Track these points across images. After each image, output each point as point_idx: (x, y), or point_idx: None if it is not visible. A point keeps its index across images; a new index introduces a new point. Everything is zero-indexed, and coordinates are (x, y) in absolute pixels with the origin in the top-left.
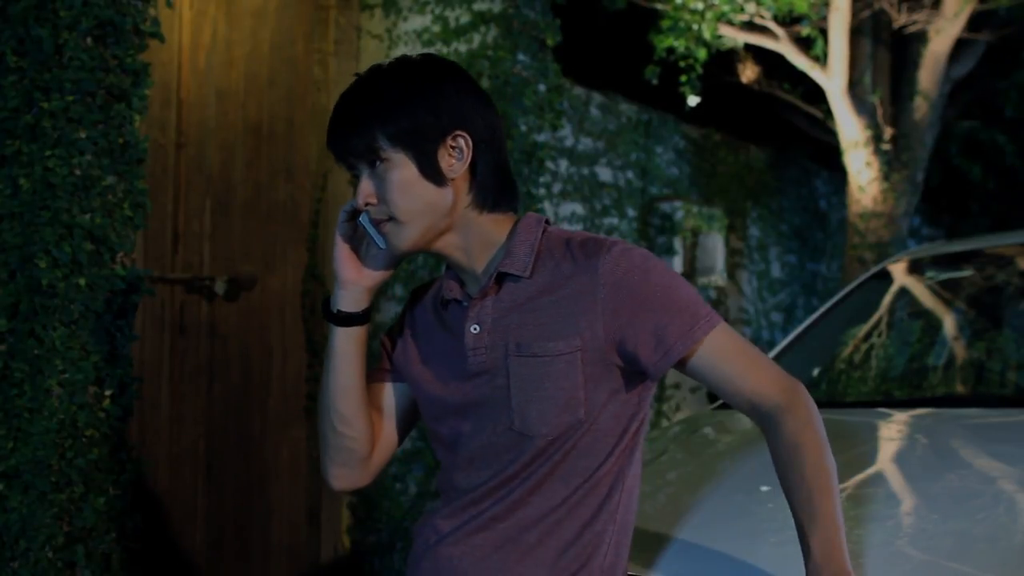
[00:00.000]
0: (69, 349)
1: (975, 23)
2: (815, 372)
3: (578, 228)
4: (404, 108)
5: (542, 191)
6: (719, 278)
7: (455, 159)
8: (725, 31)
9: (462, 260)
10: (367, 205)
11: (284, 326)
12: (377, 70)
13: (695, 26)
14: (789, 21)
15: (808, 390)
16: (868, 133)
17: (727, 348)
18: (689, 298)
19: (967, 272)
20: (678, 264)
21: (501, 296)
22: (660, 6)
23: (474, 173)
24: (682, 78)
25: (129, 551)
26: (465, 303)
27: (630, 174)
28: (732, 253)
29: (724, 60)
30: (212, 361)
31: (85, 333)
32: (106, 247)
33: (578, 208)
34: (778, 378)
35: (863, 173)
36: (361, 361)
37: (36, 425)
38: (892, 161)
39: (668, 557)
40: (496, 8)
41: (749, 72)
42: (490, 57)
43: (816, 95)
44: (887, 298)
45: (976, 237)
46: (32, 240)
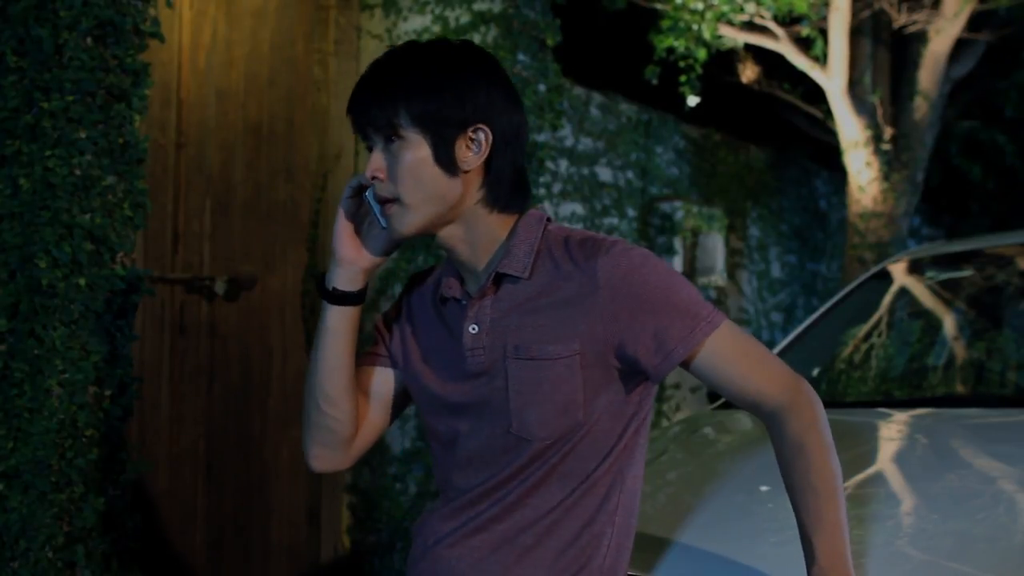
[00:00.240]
0: (69, 349)
1: (975, 23)
2: (815, 372)
3: (578, 228)
4: (432, 90)
5: (542, 191)
6: (719, 278)
7: (472, 152)
8: (725, 31)
9: (464, 254)
10: (374, 179)
11: (284, 326)
12: (413, 47)
13: (695, 26)
14: (789, 21)
15: None
16: (868, 133)
17: (729, 349)
18: (690, 299)
19: (967, 272)
20: (678, 264)
21: (500, 296)
22: (660, 6)
23: (488, 170)
24: (682, 78)
25: (129, 551)
26: (464, 302)
27: (630, 174)
28: (732, 253)
29: (724, 60)
30: (212, 361)
31: (85, 333)
32: (106, 247)
33: (578, 208)
34: (782, 377)
35: (863, 173)
36: (352, 341)
37: (36, 425)
38: (892, 161)
39: (669, 559)
40: (496, 8)
41: (749, 72)
42: None
43: (816, 95)
44: (887, 298)
45: (976, 237)
46: (32, 240)
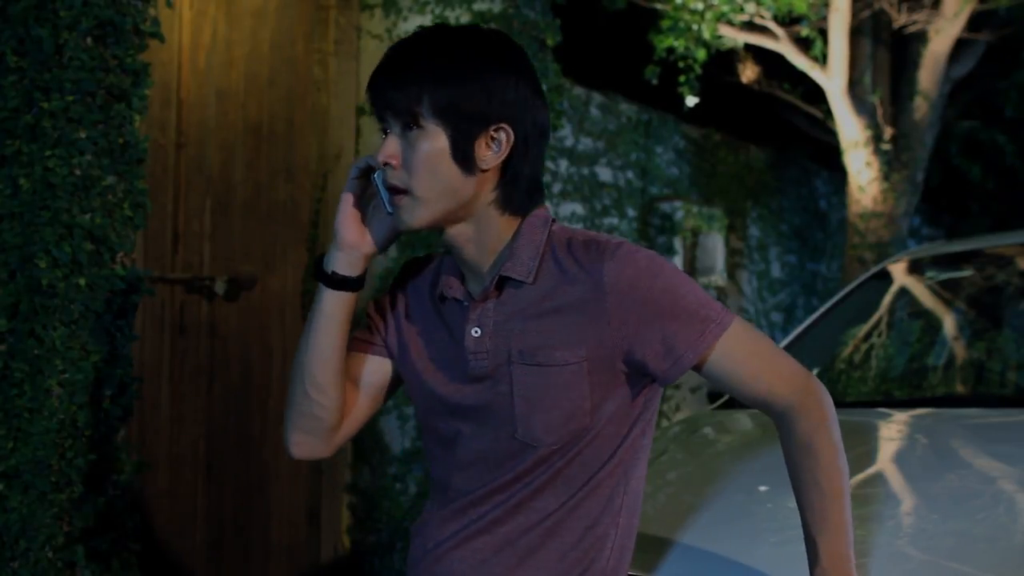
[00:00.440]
0: (69, 349)
1: (975, 23)
2: (815, 372)
3: (578, 228)
4: (459, 81)
5: None
6: (719, 278)
7: (491, 151)
8: (725, 31)
9: (471, 254)
10: (386, 165)
11: (284, 326)
12: (442, 30)
13: (695, 26)
14: (789, 21)
15: None
16: (868, 133)
17: (739, 349)
18: (698, 301)
19: (967, 272)
20: (678, 264)
21: (503, 299)
22: (660, 6)
23: (505, 170)
24: (680, 78)
25: (129, 551)
26: (466, 303)
27: (630, 174)
28: (732, 253)
29: (724, 60)
30: (212, 361)
31: (85, 333)
32: (106, 247)
33: (578, 208)
34: (793, 376)
35: (863, 173)
36: (346, 328)
37: (36, 425)
38: (892, 161)
39: (669, 559)
40: (496, 8)
41: (749, 72)
42: None
43: (816, 95)
44: (887, 298)
45: (976, 237)
46: (32, 240)
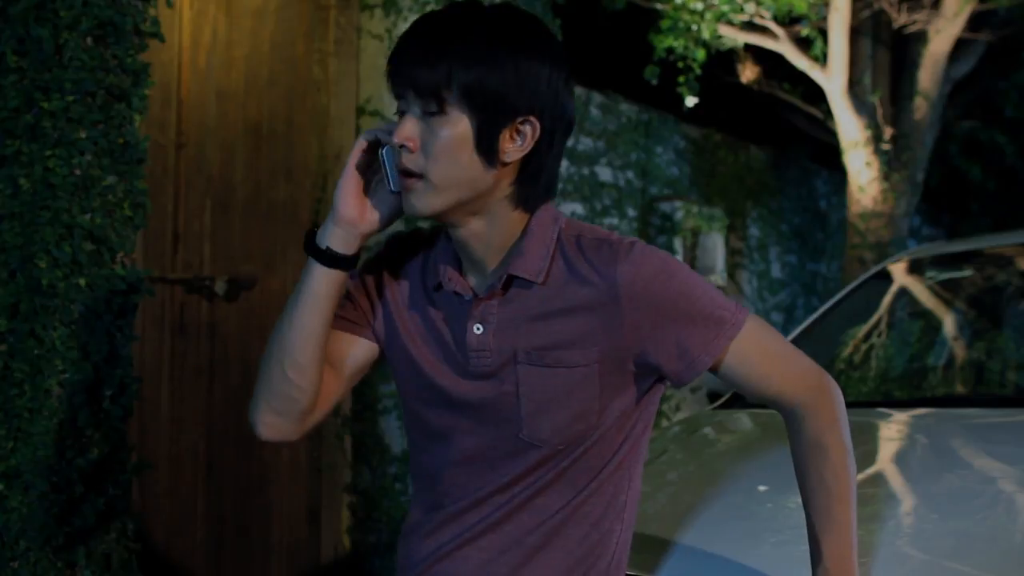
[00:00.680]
0: (69, 349)
1: (975, 23)
2: None
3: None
4: (493, 65)
5: None
6: (719, 278)
7: (514, 143)
8: (725, 31)
9: (479, 251)
10: (402, 147)
11: None
12: (475, 7)
13: (695, 26)
14: (789, 21)
15: None
16: (868, 133)
17: (752, 350)
18: (712, 303)
19: (967, 272)
20: None
21: (509, 297)
22: (660, 6)
23: (525, 165)
24: (680, 79)
25: (129, 551)
26: (467, 297)
27: (630, 174)
28: (732, 253)
29: (724, 60)
30: (212, 361)
31: (85, 333)
32: (106, 247)
33: (578, 208)
34: (805, 375)
35: (863, 173)
36: (333, 308)
37: (36, 425)
38: (892, 161)
39: (669, 560)
40: None
41: (749, 72)
42: None
43: (816, 95)
44: (887, 298)
45: (976, 237)
46: (32, 240)
